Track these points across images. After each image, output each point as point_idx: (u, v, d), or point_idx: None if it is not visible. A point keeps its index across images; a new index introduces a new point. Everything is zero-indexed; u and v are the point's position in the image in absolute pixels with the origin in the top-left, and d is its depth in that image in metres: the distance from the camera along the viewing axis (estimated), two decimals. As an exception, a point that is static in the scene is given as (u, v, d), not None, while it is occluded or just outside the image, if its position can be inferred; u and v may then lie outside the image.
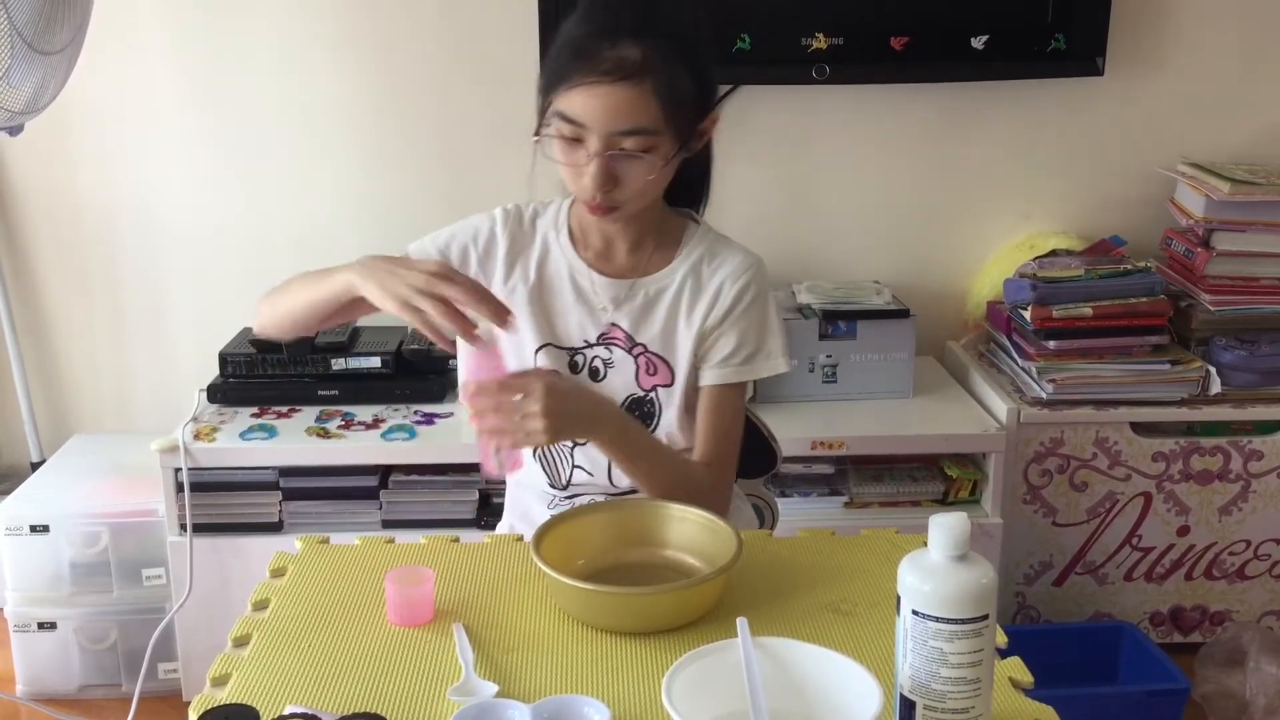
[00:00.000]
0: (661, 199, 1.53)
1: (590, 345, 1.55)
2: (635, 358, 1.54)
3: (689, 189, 1.60)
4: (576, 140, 1.41)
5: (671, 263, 1.55)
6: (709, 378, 1.54)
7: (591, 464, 1.56)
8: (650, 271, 1.55)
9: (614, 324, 1.54)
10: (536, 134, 1.46)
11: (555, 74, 1.41)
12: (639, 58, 1.37)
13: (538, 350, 1.54)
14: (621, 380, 1.55)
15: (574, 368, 1.55)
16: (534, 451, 1.59)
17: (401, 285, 1.32)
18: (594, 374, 1.55)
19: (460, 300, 1.31)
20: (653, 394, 1.55)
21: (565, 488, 1.59)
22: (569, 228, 1.56)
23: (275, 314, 1.51)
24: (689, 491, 1.45)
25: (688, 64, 1.41)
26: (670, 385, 1.54)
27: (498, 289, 1.54)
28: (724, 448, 1.55)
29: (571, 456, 1.57)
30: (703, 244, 1.56)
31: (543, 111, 1.45)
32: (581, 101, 1.38)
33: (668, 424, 1.55)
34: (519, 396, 1.34)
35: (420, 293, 1.31)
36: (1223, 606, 2.51)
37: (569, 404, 1.37)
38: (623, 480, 1.56)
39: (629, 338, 1.54)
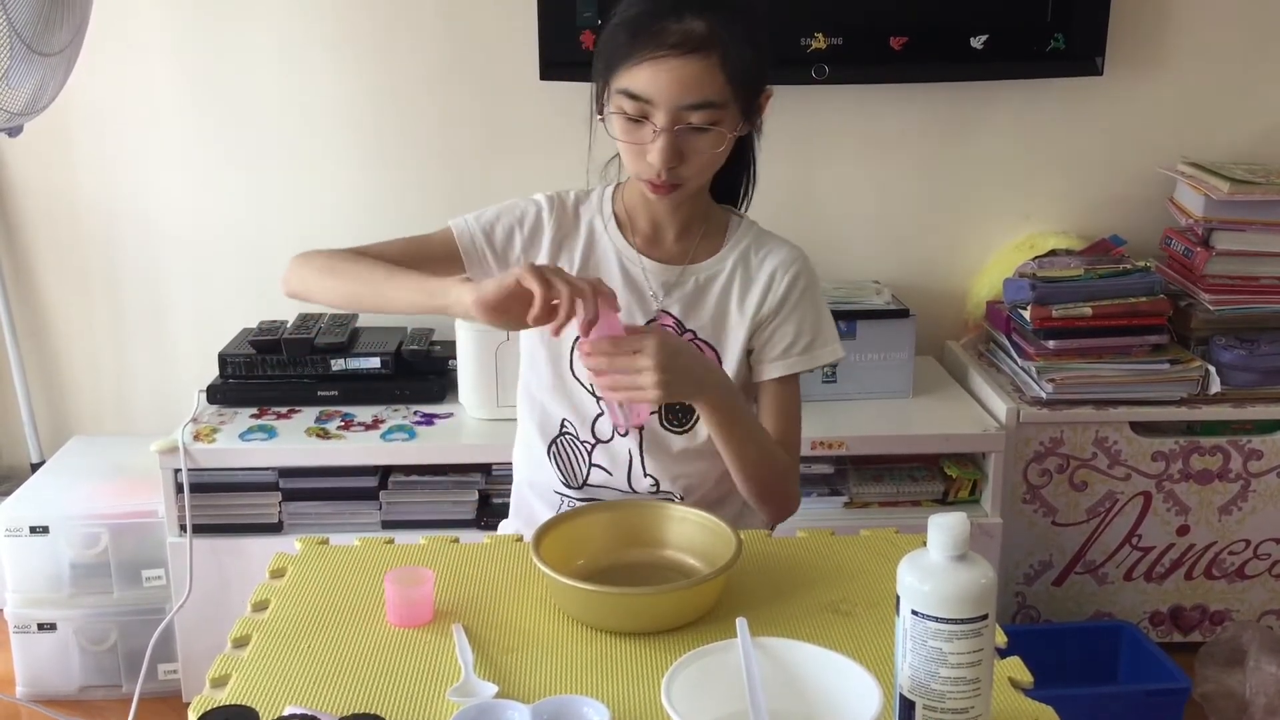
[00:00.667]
0: (708, 187, 1.54)
1: None
2: None
3: (729, 187, 1.60)
4: (641, 118, 1.41)
5: (720, 250, 1.56)
6: (773, 370, 1.55)
7: (611, 462, 1.56)
8: (700, 259, 1.55)
9: (664, 310, 1.54)
10: (600, 114, 1.46)
11: (617, 52, 1.41)
12: (705, 30, 1.37)
13: (576, 340, 1.52)
14: None
15: None
16: (548, 449, 1.58)
17: (559, 281, 1.29)
18: None
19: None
20: None
21: (581, 487, 1.58)
22: (615, 214, 1.56)
23: (333, 283, 1.47)
24: (775, 472, 1.49)
25: (750, 37, 1.41)
26: None
27: None
28: (794, 437, 1.57)
29: (590, 455, 1.57)
30: (749, 234, 1.57)
31: (600, 93, 1.45)
32: (648, 76, 1.38)
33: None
34: (634, 353, 1.34)
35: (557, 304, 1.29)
36: (1222, 606, 2.51)
37: (680, 360, 1.37)
38: (642, 483, 1.56)
39: (679, 324, 1.54)
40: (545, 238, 1.55)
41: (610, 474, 1.56)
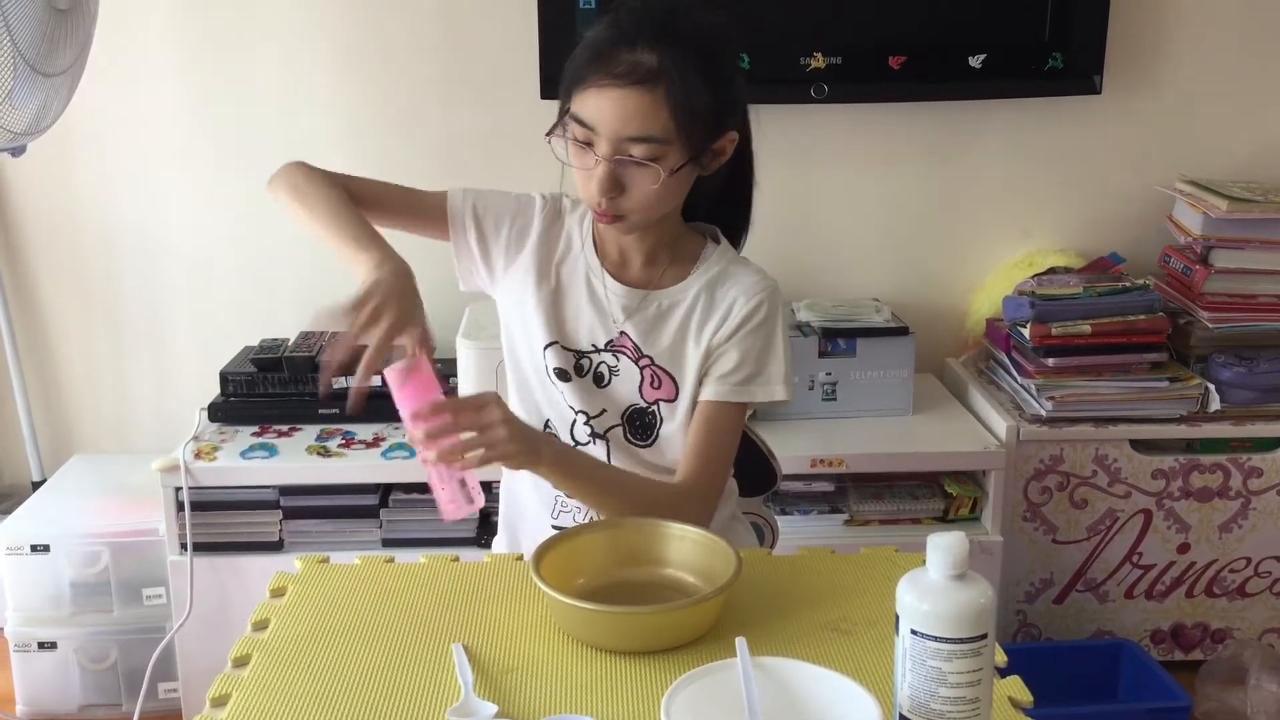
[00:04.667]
0: (679, 216, 1.53)
1: (598, 350, 1.54)
2: (641, 369, 1.54)
3: (725, 217, 1.59)
4: (588, 144, 1.41)
5: (686, 279, 1.54)
6: (706, 393, 1.52)
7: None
8: (665, 285, 1.54)
9: (623, 333, 1.54)
10: (549, 133, 1.45)
11: (573, 76, 1.41)
12: (655, 63, 1.36)
13: (546, 347, 1.54)
14: (626, 389, 1.54)
15: (580, 370, 1.54)
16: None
17: (361, 326, 1.34)
18: (599, 379, 1.54)
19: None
20: (654, 407, 1.54)
21: (555, 498, 1.57)
22: (595, 231, 1.56)
23: (296, 206, 1.56)
24: (652, 512, 1.41)
25: (705, 76, 1.39)
26: (673, 400, 1.54)
27: (516, 276, 1.55)
28: (710, 467, 1.50)
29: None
30: (720, 263, 1.55)
31: (561, 114, 1.45)
32: (594, 104, 1.38)
33: (667, 438, 1.54)
34: (477, 409, 1.32)
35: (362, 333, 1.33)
36: (1224, 624, 2.51)
37: (517, 419, 1.36)
38: None
39: (637, 348, 1.53)
40: (530, 240, 1.56)
41: None
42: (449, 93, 2.59)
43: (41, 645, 2.37)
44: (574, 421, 1.55)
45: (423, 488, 2.30)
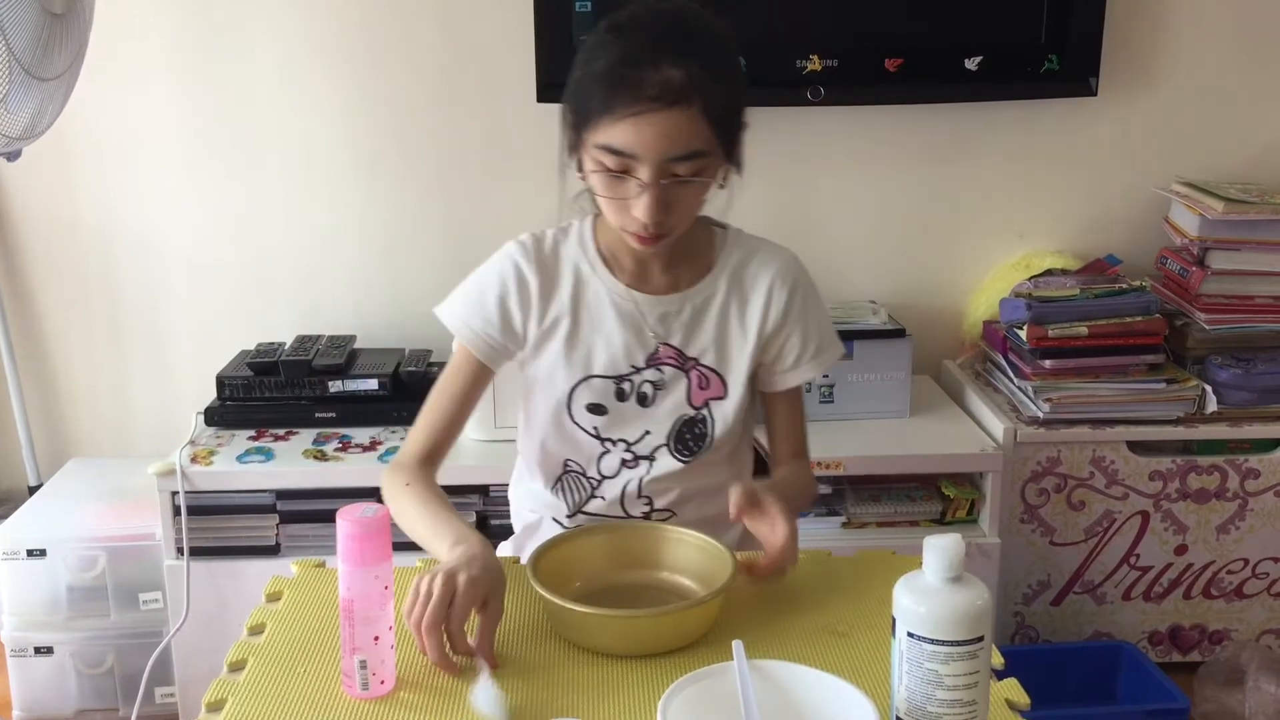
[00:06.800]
0: None
1: (639, 370, 1.51)
2: (688, 373, 1.52)
3: None
4: (623, 172, 1.36)
5: (711, 270, 1.53)
6: (787, 381, 1.55)
7: (611, 491, 1.54)
8: (693, 283, 1.52)
9: (665, 343, 1.51)
10: (580, 172, 1.41)
11: (592, 107, 1.35)
12: (683, 78, 1.32)
13: (575, 388, 1.50)
14: (672, 401, 1.51)
15: (621, 395, 1.51)
16: (553, 487, 1.57)
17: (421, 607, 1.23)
18: (642, 399, 1.51)
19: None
20: (704, 410, 1.52)
21: (574, 515, 1.57)
22: (599, 251, 1.52)
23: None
24: (809, 500, 1.61)
25: (728, 76, 1.38)
26: (723, 398, 1.52)
27: (534, 331, 1.51)
28: (805, 436, 1.61)
29: (595, 488, 1.55)
30: (737, 248, 1.54)
31: (575, 147, 1.40)
32: (630, 132, 1.33)
33: (721, 437, 1.53)
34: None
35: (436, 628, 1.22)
36: (1221, 625, 2.51)
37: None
38: (635, 504, 1.54)
39: (680, 354, 1.51)
40: (533, 292, 1.50)
41: (605, 500, 1.55)
42: (445, 95, 2.58)
43: (38, 650, 2.36)
44: (602, 455, 1.53)
45: (420, 491, 2.31)
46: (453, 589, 1.22)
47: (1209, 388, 2.38)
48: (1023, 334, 2.40)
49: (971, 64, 2.51)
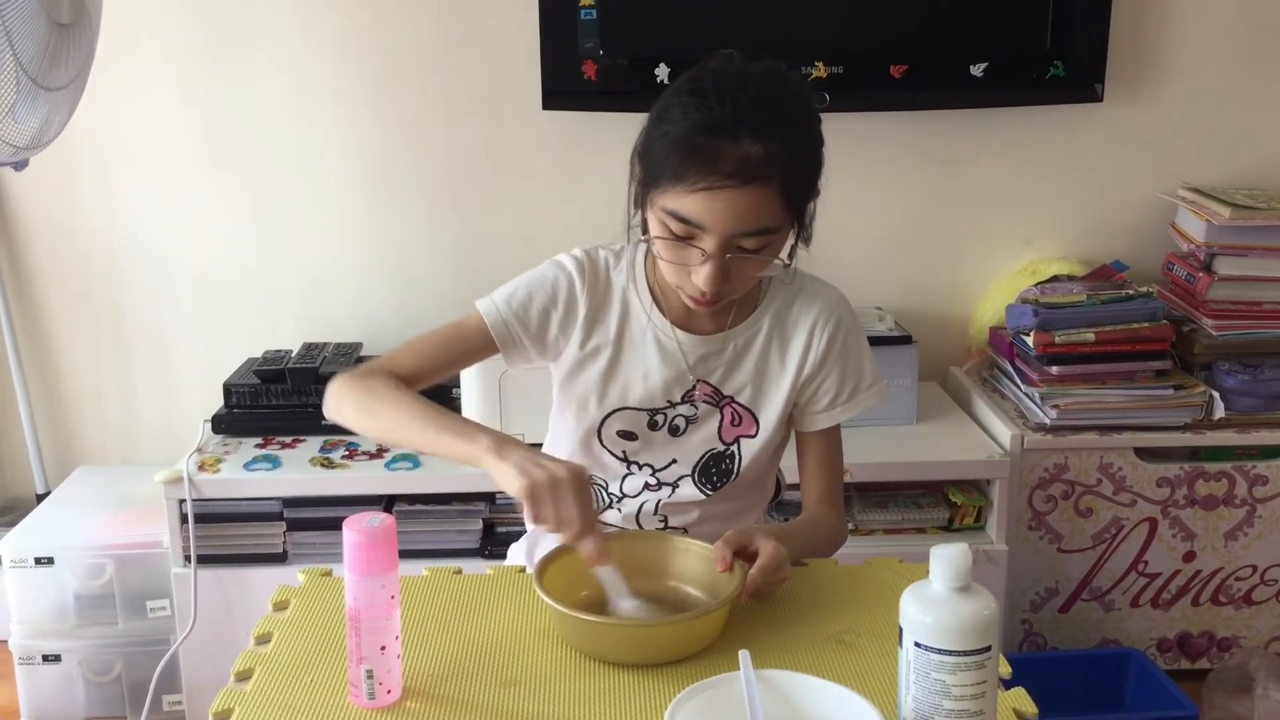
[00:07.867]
0: None
1: (674, 405, 1.50)
2: (722, 410, 1.51)
3: None
4: (687, 239, 1.33)
5: (754, 313, 1.51)
6: (821, 422, 1.52)
7: (628, 507, 1.54)
8: (734, 325, 1.50)
9: (702, 380, 1.49)
10: (645, 233, 1.39)
11: (664, 170, 1.31)
12: (763, 155, 1.28)
13: (608, 416, 1.50)
14: (703, 435, 1.51)
15: (653, 426, 1.50)
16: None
17: (551, 509, 1.22)
18: (674, 430, 1.51)
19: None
20: (734, 446, 1.51)
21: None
22: (649, 285, 1.49)
23: (369, 424, 1.40)
24: (829, 546, 1.51)
25: (809, 150, 1.35)
26: (754, 436, 1.51)
27: (573, 353, 1.49)
28: (840, 478, 1.56)
29: (615, 503, 1.55)
30: (783, 290, 1.52)
31: (642, 202, 1.38)
32: (701, 205, 1.29)
33: (748, 473, 1.52)
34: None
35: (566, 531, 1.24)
36: (1230, 632, 2.50)
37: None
38: (650, 520, 1.54)
39: (717, 392, 1.50)
40: (580, 315, 1.48)
41: (621, 513, 1.56)
42: (451, 103, 2.59)
43: (46, 658, 2.37)
44: (626, 475, 1.53)
45: (425, 499, 2.31)
46: (580, 480, 1.22)
47: (1216, 394, 2.38)
48: (1029, 340, 2.40)
49: (977, 70, 2.51)
